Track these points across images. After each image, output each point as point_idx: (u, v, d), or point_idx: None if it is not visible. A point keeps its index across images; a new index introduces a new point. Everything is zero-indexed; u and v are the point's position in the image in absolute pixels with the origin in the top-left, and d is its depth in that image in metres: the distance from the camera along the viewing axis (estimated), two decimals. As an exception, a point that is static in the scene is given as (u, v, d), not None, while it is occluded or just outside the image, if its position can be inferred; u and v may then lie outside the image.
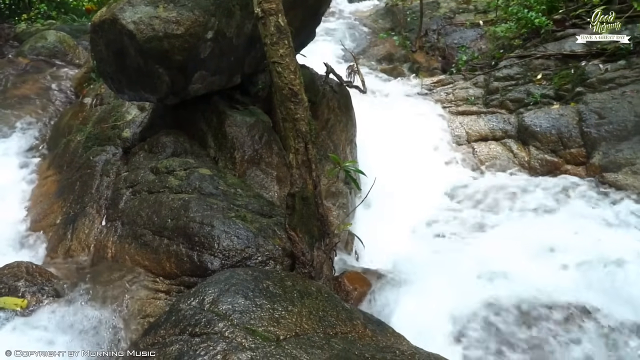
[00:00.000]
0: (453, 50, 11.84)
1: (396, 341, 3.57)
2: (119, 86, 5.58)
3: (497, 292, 4.66)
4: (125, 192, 5.25)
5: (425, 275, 5.00)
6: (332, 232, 4.59)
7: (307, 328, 3.26)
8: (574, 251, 5.25)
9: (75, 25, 12.37)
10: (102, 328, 4.00)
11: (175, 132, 5.83)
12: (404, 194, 6.88)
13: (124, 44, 5.02)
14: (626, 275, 4.81)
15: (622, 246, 5.25)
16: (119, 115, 6.75)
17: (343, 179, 6.23)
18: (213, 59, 5.33)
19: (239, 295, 3.35)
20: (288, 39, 4.04)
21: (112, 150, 6.10)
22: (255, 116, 5.96)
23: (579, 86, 7.94)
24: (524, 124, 7.91)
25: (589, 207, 6.22)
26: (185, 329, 3.15)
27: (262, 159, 5.75)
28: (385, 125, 8.31)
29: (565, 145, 7.41)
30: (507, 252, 5.37)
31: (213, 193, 4.92)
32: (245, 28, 5.51)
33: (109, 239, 4.93)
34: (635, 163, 6.55)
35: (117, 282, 4.40)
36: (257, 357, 2.80)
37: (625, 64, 7.75)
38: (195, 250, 4.33)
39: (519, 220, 6.29)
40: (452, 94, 9.45)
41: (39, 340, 3.78)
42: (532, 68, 8.91)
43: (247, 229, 4.42)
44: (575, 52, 8.57)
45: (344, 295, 4.59)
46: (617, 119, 7.07)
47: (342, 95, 7.27)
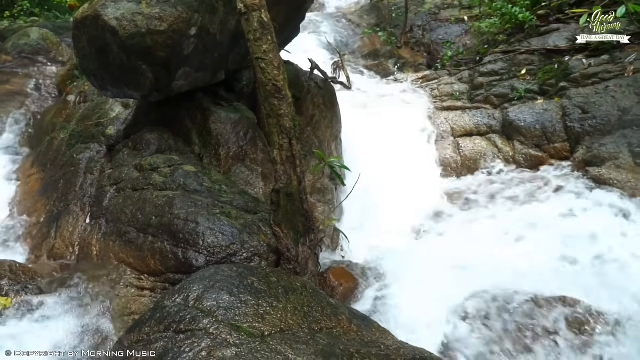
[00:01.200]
0: (438, 46, 11.87)
1: (381, 336, 3.58)
2: (102, 83, 5.55)
3: (482, 284, 4.68)
4: (109, 190, 5.23)
5: (410, 269, 5.00)
6: (317, 228, 4.59)
7: (292, 324, 3.26)
8: (557, 246, 5.29)
9: (59, 22, 12.28)
10: (86, 326, 3.99)
11: (159, 129, 5.81)
12: (390, 189, 6.88)
13: (106, 40, 4.99)
14: (607, 268, 4.86)
15: (605, 240, 5.29)
16: (103, 113, 6.72)
17: (328, 175, 6.24)
18: (197, 56, 5.31)
19: (224, 291, 3.35)
20: (271, 34, 4.03)
21: (96, 147, 6.07)
22: (239, 113, 5.95)
23: (562, 81, 7.96)
24: (509, 119, 7.92)
25: (572, 200, 6.25)
26: (170, 326, 3.14)
27: (247, 156, 5.74)
28: (370, 122, 8.31)
29: (550, 140, 7.43)
30: (492, 244, 5.39)
31: (198, 190, 4.91)
32: (229, 24, 5.49)
33: (93, 236, 4.91)
34: (618, 157, 6.57)
35: (101, 279, 4.39)
36: (242, 353, 2.80)
37: (608, 58, 7.78)
38: (180, 247, 4.32)
39: (503, 213, 6.30)
40: (437, 89, 9.45)
41: (25, 339, 3.76)
42: (517, 63, 8.93)
43: (232, 226, 4.41)
44: (559, 47, 8.60)
45: (330, 291, 4.59)
46: (601, 113, 7.10)
47: (327, 91, 7.26)
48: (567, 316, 4.32)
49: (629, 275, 4.73)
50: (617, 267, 4.87)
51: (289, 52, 7.02)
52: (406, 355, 3.20)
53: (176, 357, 2.83)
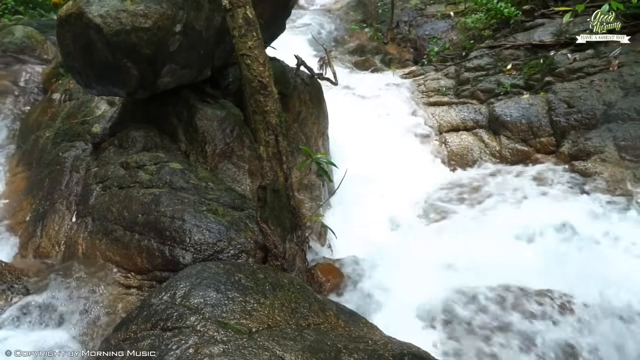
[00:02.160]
0: (424, 41, 11.88)
1: (369, 331, 3.58)
2: (87, 81, 5.51)
3: (470, 279, 4.70)
4: (95, 188, 5.20)
5: (397, 265, 5.02)
6: (304, 224, 4.60)
7: (280, 320, 3.26)
8: (543, 240, 5.32)
9: (43, 20, 12.18)
10: (73, 325, 3.97)
11: (145, 126, 5.78)
12: (377, 185, 6.91)
13: (91, 38, 4.96)
14: (590, 261, 4.90)
15: (590, 234, 5.33)
16: (88, 111, 6.68)
17: (316, 172, 6.23)
18: (182, 53, 5.29)
19: (211, 288, 3.34)
20: (257, 31, 4.02)
21: (81, 146, 6.03)
22: (226, 109, 5.93)
23: (548, 76, 8.00)
24: (495, 114, 7.96)
25: (558, 195, 6.29)
26: (157, 323, 3.14)
27: (233, 153, 5.73)
28: (357, 117, 8.33)
29: (536, 135, 7.47)
30: (479, 240, 5.41)
31: (184, 187, 4.89)
32: (215, 21, 5.48)
33: (79, 235, 4.89)
34: (604, 151, 6.62)
35: (88, 278, 4.37)
36: (229, 350, 2.80)
37: (593, 53, 7.82)
38: (167, 244, 4.31)
39: (489, 208, 6.33)
40: (424, 85, 9.48)
41: (10, 339, 3.75)
42: (502, 58, 8.97)
43: (219, 223, 4.40)
44: (544, 42, 8.64)
45: (317, 287, 4.60)
46: (586, 107, 7.14)
47: (313, 87, 7.26)
48: (553, 309, 4.35)
49: (613, 269, 4.77)
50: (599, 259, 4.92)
51: (275, 48, 7.01)
52: (394, 350, 3.20)
53: (163, 354, 2.83)
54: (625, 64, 7.33)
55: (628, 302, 4.35)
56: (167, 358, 2.80)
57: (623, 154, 6.48)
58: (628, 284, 4.51)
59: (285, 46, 7.78)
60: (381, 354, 3.11)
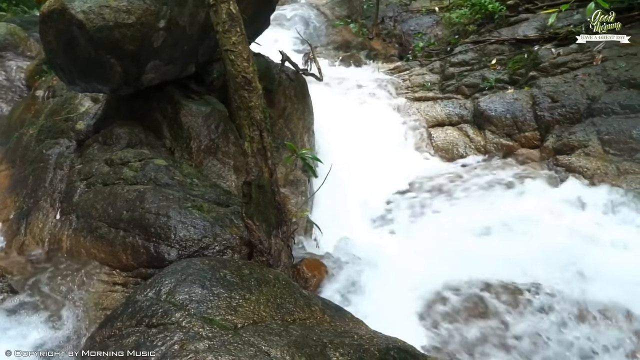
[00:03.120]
0: (409, 37, 11.91)
1: (355, 326, 3.58)
2: (71, 77, 5.48)
3: (454, 273, 4.72)
4: (79, 185, 5.17)
5: (383, 259, 5.03)
6: (290, 220, 4.60)
7: (265, 315, 3.26)
8: (524, 231, 5.36)
9: (26, 17, 12.13)
10: (58, 323, 3.96)
11: (129, 123, 5.75)
12: (363, 180, 6.92)
13: (73, 34, 4.93)
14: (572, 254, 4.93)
15: (573, 228, 5.36)
16: (72, 108, 6.63)
17: (301, 167, 6.23)
18: (166, 48, 5.27)
19: (196, 284, 3.33)
20: (240, 26, 4.01)
21: (65, 143, 5.99)
22: (210, 105, 5.91)
23: (532, 70, 8.05)
24: (480, 108, 7.99)
25: (541, 188, 6.32)
26: (142, 320, 3.12)
27: (218, 149, 5.71)
28: (343, 113, 8.33)
29: (520, 129, 7.51)
30: (463, 235, 5.44)
31: (169, 183, 4.88)
32: (199, 16, 5.45)
33: (63, 232, 4.86)
34: (587, 145, 6.66)
35: (72, 275, 4.35)
36: (215, 345, 2.79)
37: (576, 47, 7.87)
38: (152, 241, 4.30)
39: (474, 202, 6.36)
40: (409, 80, 9.51)
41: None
42: (487, 53, 9.02)
43: (204, 219, 4.39)
44: (528, 37, 8.69)
45: (303, 282, 4.59)
46: (570, 102, 7.19)
47: (298, 83, 7.25)
48: (540, 303, 4.38)
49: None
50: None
51: (259, 44, 7.00)
52: (379, 345, 3.21)
53: (148, 351, 2.81)
54: (609, 58, 7.38)
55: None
56: (153, 354, 2.78)
57: (607, 147, 6.52)
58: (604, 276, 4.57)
59: (270, 42, 7.77)
60: (367, 348, 3.12)
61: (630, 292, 4.35)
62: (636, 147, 6.32)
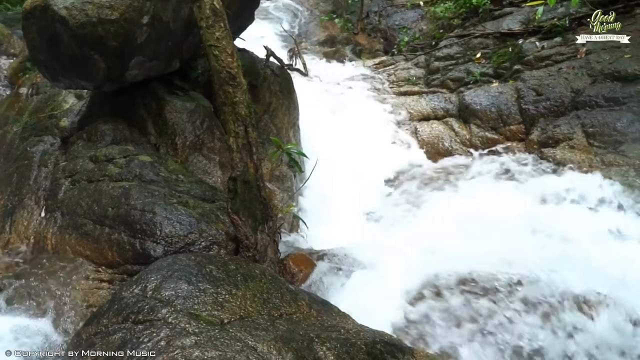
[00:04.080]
0: (394, 31, 11.91)
1: (341, 320, 3.59)
2: (54, 74, 5.45)
3: (440, 267, 4.73)
4: (64, 182, 5.15)
5: (369, 253, 5.03)
6: (276, 215, 4.60)
7: (252, 311, 3.26)
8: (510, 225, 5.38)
9: (10, 14, 12.02)
10: (43, 321, 3.94)
11: (114, 119, 5.73)
12: (349, 175, 6.92)
13: (56, 30, 4.90)
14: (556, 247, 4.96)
15: (558, 222, 5.39)
16: (56, 105, 6.59)
17: (287, 163, 6.22)
18: (150, 44, 5.25)
19: (182, 280, 3.33)
20: (224, 21, 4.00)
21: (49, 140, 5.96)
22: (195, 101, 5.90)
23: (517, 64, 8.08)
24: (465, 102, 8.01)
25: (525, 180, 6.36)
26: (128, 316, 3.12)
27: (204, 145, 5.70)
28: (328, 108, 8.33)
29: (505, 123, 7.53)
30: (449, 228, 5.44)
31: (154, 180, 4.86)
32: (182, 12, 5.44)
33: (48, 230, 4.84)
34: (572, 138, 6.69)
35: (58, 273, 4.34)
36: (201, 341, 2.78)
37: (560, 40, 7.90)
38: (138, 237, 4.29)
39: (460, 194, 6.38)
40: (394, 74, 9.53)
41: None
42: (472, 47, 9.04)
43: (190, 215, 4.38)
44: (512, 31, 8.71)
45: (290, 277, 4.59)
46: (554, 95, 7.22)
47: (283, 78, 7.24)
48: (524, 295, 4.40)
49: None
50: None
51: (244, 39, 6.98)
52: (366, 338, 3.22)
53: (135, 347, 2.81)
54: (593, 51, 7.41)
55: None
56: (139, 351, 2.78)
57: (591, 140, 6.56)
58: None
59: (255, 37, 7.76)
60: (354, 342, 3.13)
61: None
62: (620, 140, 6.35)
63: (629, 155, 6.13)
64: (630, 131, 6.35)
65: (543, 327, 4.15)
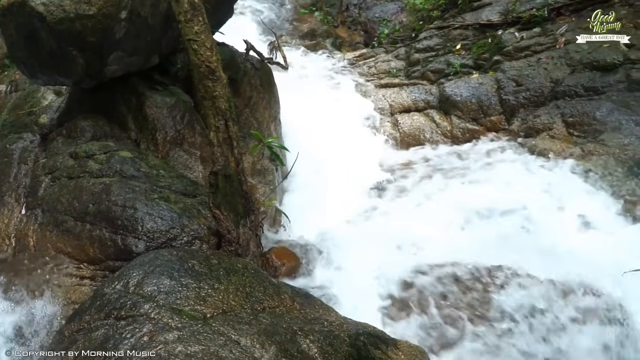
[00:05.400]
0: (374, 24, 11.91)
1: (324, 313, 3.61)
2: (32, 71, 5.41)
3: (422, 258, 4.76)
4: (44, 179, 5.11)
5: (351, 246, 5.06)
6: (258, 209, 4.60)
7: (234, 305, 3.26)
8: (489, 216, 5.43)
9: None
10: (25, 319, 3.93)
11: (93, 115, 5.69)
12: (331, 168, 6.92)
13: (34, 26, 4.86)
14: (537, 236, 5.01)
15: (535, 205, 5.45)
16: (35, 101, 6.55)
17: (268, 157, 6.21)
18: (129, 40, 5.21)
19: (164, 276, 3.32)
20: (202, 15, 3.98)
21: (29, 137, 5.91)
22: (175, 96, 5.87)
23: (496, 55, 8.11)
24: (445, 94, 8.03)
25: (506, 171, 6.40)
26: (110, 313, 3.11)
27: (184, 139, 5.68)
28: (309, 101, 8.31)
29: (486, 113, 7.57)
30: (432, 220, 5.48)
31: (135, 175, 4.84)
32: (161, 7, 5.40)
33: (29, 227, 4.81)
34: (552, 127, 6.75)
35: (39, 271, 4.32)
36: (184, 336, 2.79)
37: (540, 31, 7.94)
38: (119, 234, 4.27)
39: (443, 189, 6.40)
40: (375, 67, 9.52)
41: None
42: (451, 38, 9.05)
43: (171, 210, 4.37)
44: (491, 21, 8.74)
45: (273, 271, 4.60)
46: (534, 85, 7.27)
47: (263, 72, 7.22)
48: (505, 282, 4.43)
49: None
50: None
51: (223, 33, 6.95)
52: (349, 330, 3.24)
53: (117, 343, 2.81)
54: (572, 41, 7.45)
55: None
56: (122, 347, 2.78)
57: (571, 129, 6.61)
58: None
59: (234, 31, 7.73)
60: (337, 334, 3.15)
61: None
62: (600, 129, 6.41)
63: (609, 144, 6.19)
64: (609, 120, 6.41)
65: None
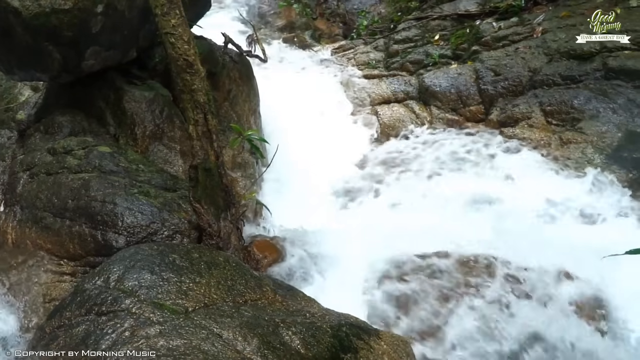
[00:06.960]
0: (353, 15, 11.89)
1: (307, 304, 3.62)
2: (8, 67, 5.36)
3: (405, 248, 4.77)
4: (22, 176, 5.07)
5: (333, 237, 5.07)
6: (238, 202, 4.59)
7: (216, 298, 3.26)
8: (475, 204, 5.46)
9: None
10: (5, 316, 3.91)
11: (71, 111, 5.65)
12: (312, 160, 6.92)
13: (9, 22, 4.81)
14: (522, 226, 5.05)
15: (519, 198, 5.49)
16: (12, 97, 6.50)
17: (249, 150, 6.20)
18: (106, 34, 5.17)
19: (145, 270, 3.31)
20: (179, 8, 3.96)
21: (6, 134, 5.88)
22: (154, 90, 5.84)
23: (474, 45, 8.13)
24: (424, 84, 8.05)
25: (486, 161, 6.44)
26: (91, 308, 3.10)
27: (164, 134, 5.65)
28: (289, 94, 8.30)
29: (465, 104, 7.59)
30: (413, 210, 5.51)
31: (114, 170, 4.81)
32: (137, 0, 5.37)
33: (8, 224, 4.77)
34: (531, 117, 6.79)
35: (19, 268, 4.30)
36: (166, 330, 2.78)
37: (517, 20, 7.98)
38: (99, 229, 4.24)
39: (425, 175, 6.44)
40: (354, 59, 9.52)
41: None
42: (430, 29, 9.07)
43: (151, 205, 4.35)
44: (469, 12, 8.76)
45: (254, 264, 4.60)
46: (512, 75, 7.30)
47: (242, 65, 7.19)
48: (485, 271, 4.46)
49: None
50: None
51: (201, 27, 6.91)
52: (331, 322, 3.25)
53: (99, 339, 2.80)
54: (549, 30, 7.50)
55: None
56: (103, 342, 2.77)
57: (549, 118, 6.66)
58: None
59: (212, 24, 7.70)
60: (319, 325, 3.15)
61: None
62: (578, 117, 6.46)
63: (587, 133, 6.24)
64: (587, 108, 6.46)
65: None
